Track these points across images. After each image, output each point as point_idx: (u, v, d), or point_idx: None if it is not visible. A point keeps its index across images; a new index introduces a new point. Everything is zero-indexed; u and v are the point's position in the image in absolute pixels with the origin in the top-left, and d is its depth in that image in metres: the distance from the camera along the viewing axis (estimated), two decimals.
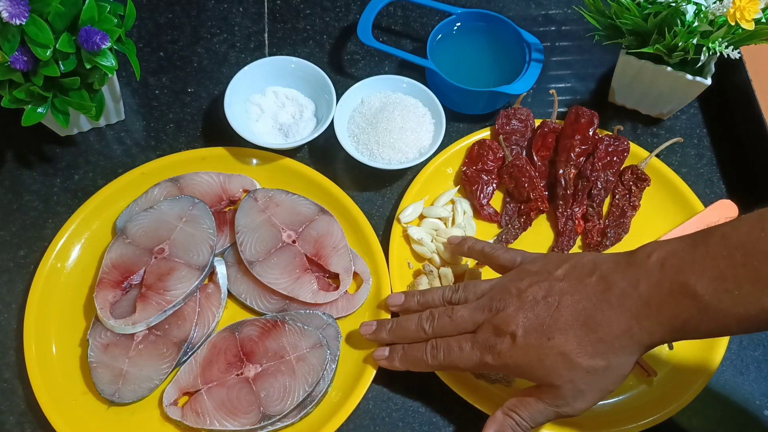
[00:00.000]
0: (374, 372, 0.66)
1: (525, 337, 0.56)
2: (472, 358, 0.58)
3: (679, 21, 0.71)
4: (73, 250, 0.72)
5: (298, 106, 0.81)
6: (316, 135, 0.76)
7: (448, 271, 0.72)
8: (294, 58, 0.81)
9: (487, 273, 0.74)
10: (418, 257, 0.74)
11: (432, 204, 0.77)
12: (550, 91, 0.83)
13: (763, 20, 0.69)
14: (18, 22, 0.60)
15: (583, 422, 0.67)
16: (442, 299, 0.64)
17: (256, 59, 0.80)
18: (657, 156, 0.80)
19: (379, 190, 0.79)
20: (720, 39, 0.69)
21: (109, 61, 0.67)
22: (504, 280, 0.62)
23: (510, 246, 0.75)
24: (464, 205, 0.77)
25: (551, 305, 0.56)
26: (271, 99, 0.81)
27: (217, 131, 0.81)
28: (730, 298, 0.48)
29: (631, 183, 0.78)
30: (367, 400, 0.68)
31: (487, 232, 0.77)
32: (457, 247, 0.70)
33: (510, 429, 0.58)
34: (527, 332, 0.56)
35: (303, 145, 0.80)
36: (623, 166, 0.79)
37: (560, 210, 0.77)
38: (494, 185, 0.78)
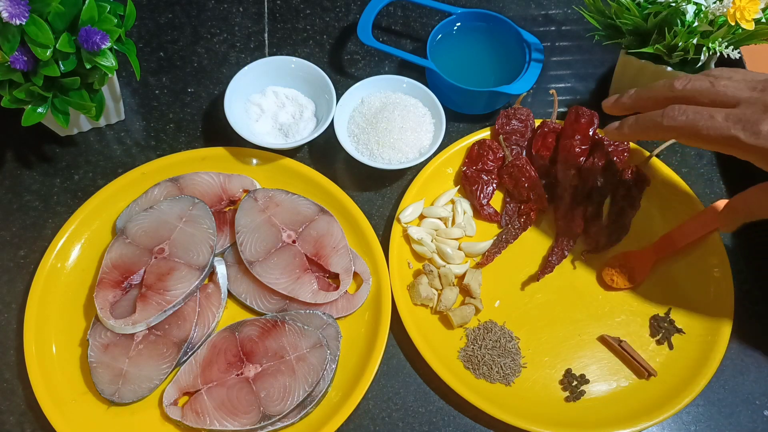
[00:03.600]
0: (374, 372, 0.66)
1: None
2: (719, 129, 0.52)
3: (679, 21, 0.71)
4: (73, 250, 0.72)
5: (298, 106, 0.81)
6: (316, 135, 0.76)
7: (448, 271, 0.72)
8: (294, 58, 0.81)
9: (488, 273, 0.74)
10: (418, 257, 0.74)
11: (432, 204, 0.77)
12: (550, 91, 0.83)
13: (763, 20, 0.69)
14: (18, 22, 0.60)
15: (583, 422, 0.67)
16: (702, 74, 0.57)
17: (256, 59, 0.80)
18: (657, 156, 0.80)
19: (379, 190, 0.79)
20: (720, 39, 0.69)
21: (109, 61, 0.67)
22: None
23: (510, 246, 0.76)
24: (464, 205, 0.77)
25: None
26: (271, 99, 0.81)
27: (217, 131, 0.81)
28: None
29: (631, 183, 0.78)
30: (367, 400, 0.68)
31: (487, 232, 0.77)
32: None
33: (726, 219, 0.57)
34: None
35: (303, 145, 0.80)
36: (623, 166, 0.79)
37: (560, 210, 0.77)
38: (494, 185, 0.79)
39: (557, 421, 0.67)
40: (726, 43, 0.70)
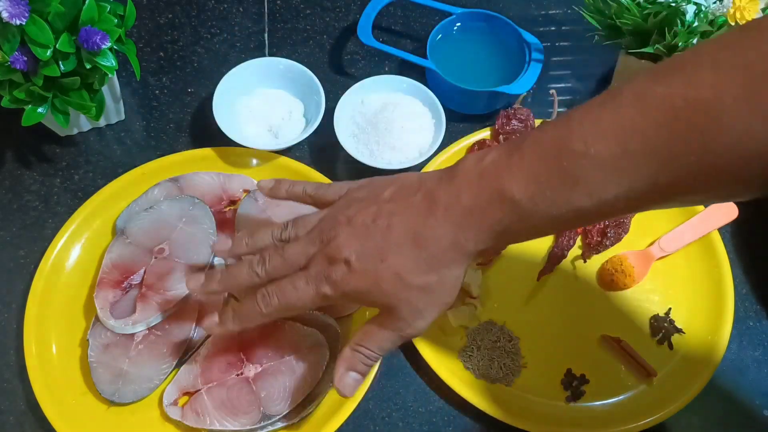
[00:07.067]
0: (375, 372, 0.66)
1: (359, 261, 0.53)
2: (308, 293, 0.55)
3: (679, 21, 0.71)
4: (73, 250, 0.72)
5: (286, 108, 0.80)
6: (305, 136, 0.76)
7: None
8: (282, 60, 0.81)
9: (488, 273, 0.74)
10: None
11: None
12: (550, 91, 0.83)
13: None
14: (18, 22, 0.60)
15: (583, 422, 0.67)
16: (272, 239, 0.60)
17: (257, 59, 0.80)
18: None
19: None
20: None
21: (109, 61, 0.67)
22: (332, 210, 0.58)
23: (510, 246, 0.75)
24: None
25: (381, 227, 0.54)
26: (259, 100, 0.81)
27: (218, 131, 0.81)
28: (544, 199, 0.48)
29: None
30: (367, 400, 0.68)
31: None
32: (273, 191, 0.65)
33: (360, 363, 0.56)
34: (361, 257, 0.53)
35: (303, 146, 0.80)
36: None
37: None
38: None
39: (557, 421, 0.67)
40: None
